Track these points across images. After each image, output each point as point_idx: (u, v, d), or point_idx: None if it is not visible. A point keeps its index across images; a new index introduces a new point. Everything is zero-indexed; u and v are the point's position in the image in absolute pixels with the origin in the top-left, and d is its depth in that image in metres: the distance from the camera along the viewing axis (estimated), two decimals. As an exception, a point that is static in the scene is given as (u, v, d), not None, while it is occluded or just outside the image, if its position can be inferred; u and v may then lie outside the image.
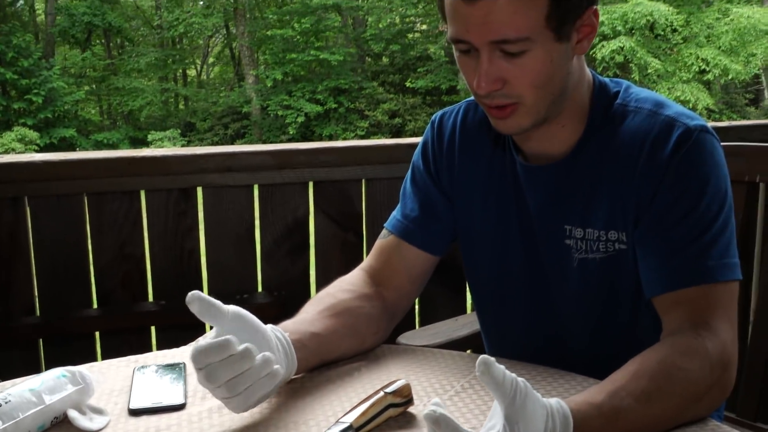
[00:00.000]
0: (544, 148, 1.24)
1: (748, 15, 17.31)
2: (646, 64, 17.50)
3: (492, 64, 1.09)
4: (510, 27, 1.06)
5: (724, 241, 1.12)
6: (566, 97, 1.18)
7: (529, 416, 0.84)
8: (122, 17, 24.64)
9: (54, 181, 2.10)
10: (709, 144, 1.15)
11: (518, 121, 1.15)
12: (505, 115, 1.15)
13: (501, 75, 1.10)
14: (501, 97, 1.13)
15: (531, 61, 1.09)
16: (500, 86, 1.11)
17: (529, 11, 1.06)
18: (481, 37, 1.08)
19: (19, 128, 19.40)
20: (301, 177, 2.25)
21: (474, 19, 1.07)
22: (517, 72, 1.10)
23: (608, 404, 0.97)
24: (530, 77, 1.10)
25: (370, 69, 22.54)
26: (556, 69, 1.12)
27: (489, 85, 1.10)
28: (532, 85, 1.11)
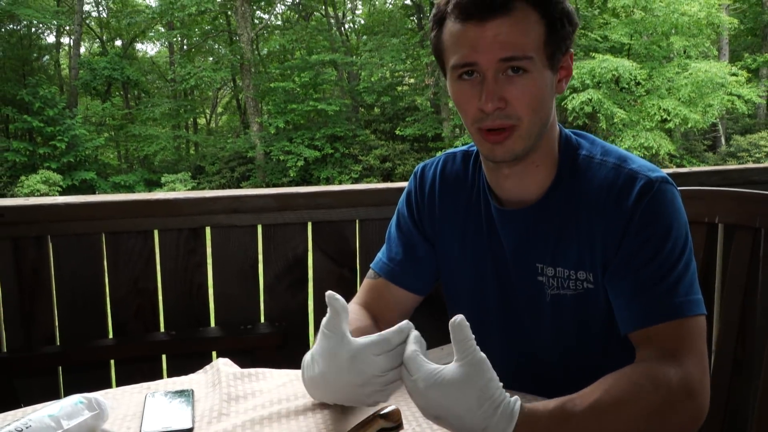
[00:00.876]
0: (518, 191, 1.24)
1: (706, 69, 17.54)
2: (613, 114, 17.66)
3: (497, 83, 1.12)
4: (517, 46, 1.10)
5: (688, 279, 1.13)
6: (545, 133, 1.19)
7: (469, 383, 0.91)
8: (139, 71, 24.85)
9: (75, 221, 2.10)
10: (669, 193, 1.16)
11: (512, 144, 1.16)
12: (502, 139, 1.15)
13: (504, 95, 1.12)
14: (502, 118, 1.13)
15: (530, 82, 1.12)
16: (503, 106, 1.12)
17: (531, 33, 1.11)
18: (491, 55, 1.11)
19: (44, 171, 19.43)
20: (300, 218, 2.25)
21: (484, 40, 1.10)
22: (518, 93, 1.12)
23: (560, 409, 0.98)
24: (528, 98, 1.13)
25: (363, 118, 22.70)
26: (546, 96, 1.15)
27: (494, 104, 1.12)
28: (529, 107, 1.13)
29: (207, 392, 1.21)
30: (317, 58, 21.78)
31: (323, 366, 1.02)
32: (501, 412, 0.92)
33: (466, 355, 0.92)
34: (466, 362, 0.92)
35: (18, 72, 23.13)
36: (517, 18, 1.10)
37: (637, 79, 17.87)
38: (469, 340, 0.92)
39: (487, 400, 0.91)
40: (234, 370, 1.28)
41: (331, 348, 1.01)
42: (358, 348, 0.98)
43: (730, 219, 1.49)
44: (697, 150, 20.97)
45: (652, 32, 18.79)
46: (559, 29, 1.13)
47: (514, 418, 0.92)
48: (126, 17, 24.22)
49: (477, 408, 0.91)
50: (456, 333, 0.93)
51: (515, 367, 1.33)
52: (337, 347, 1.00)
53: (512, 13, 1.10)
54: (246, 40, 22.20)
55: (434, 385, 0.92)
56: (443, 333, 2.52)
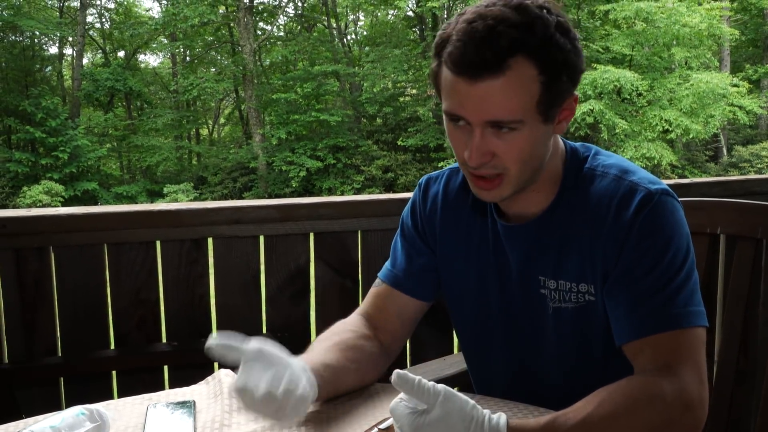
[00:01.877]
0: (521, 209, 1.25)
1: (707, 80, 17.56)
2: (614, 125, 17.67)
3: (483, 139, 1.10)
4: (505, 110, 1.07)
5: (688, 290, 1.12)
6: (543, 168, 1.19)
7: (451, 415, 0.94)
8: (142, 82, 24.89)
9: (77, 232, 2.10)
10: (670, 205, 1.16)
11: (500, 192, 1.16)
12: (491, 186, 1.15)
13: (490, 149, 1.10)
14: (489, 168, 1.13)
15: (519, 139, 1.10)
16: (489, 159, 1.11)
17: (523, 96, 1.06)
18: (477, 116, 1.08)
19: (46, 182, 19.44)
20: (302, 228, 2.26)
21: (472, 99, 1.07)
22: (506, 148, 1.10)
23: (551, 424, 0.99)
24: (516, 153, 1.11)
25: (365, 129, 22.72)
26: (539, 146, 1.14)
27: (479, 158, 1.11)
28: (518, 159, 1.12)
29: (209, 403, 1.21)
30: (319, 69, 21.82)
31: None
32: (487, 427, 0.94)
33: (432, 394, 0.95)
34: (439, 400, 0.95)
35: (20, 83, 23.19)
36: (509, 79, 1.05)
37: (638, 89, 17.88)
38: (421, 382, 0.95)
39: (473, 421, 0.94)
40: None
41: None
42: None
43: (732, 230, 1.50)
44: (699, 160, 20.97)
45: (653, 43, 18.82)
46: (557, 85, 1.08)
47: (501, 431, 0.95)
48: (129, 28, 24.29)
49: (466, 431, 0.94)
50: (403, 385, 0.96)
51: (516, 378, 1.34)
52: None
53: (506, 73, 1.04)
54: (248, 51, 22.27)
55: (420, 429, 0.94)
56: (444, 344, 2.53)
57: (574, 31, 1.10)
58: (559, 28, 1.07)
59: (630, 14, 17.93)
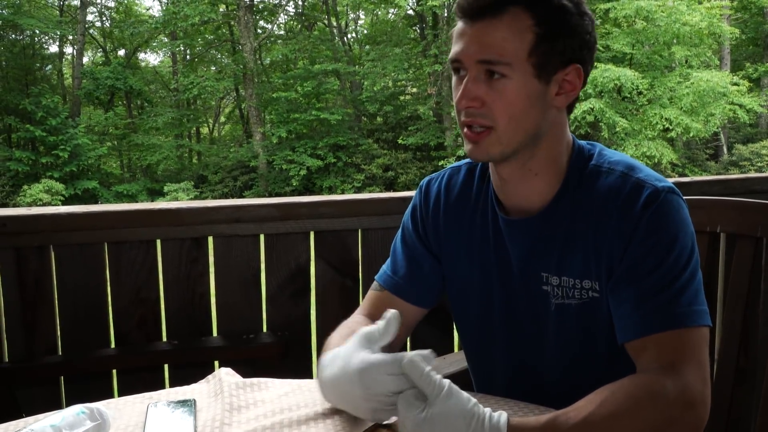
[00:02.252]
0: (521, 198, 1.25)
1: (707, 79, 17.56)
2: (615, 124, 17.67)
3: (475, 83, 1.13)
4: (496, 50, 1.11)
5: (692, 290, 1.12)
6: (539, 142, 1.19)
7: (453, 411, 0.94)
8: (142, 81, 24.90)
9: (77, 231, 2.10)
10: (675, 203, 1.15)
11: (488, 148, 1.17)
12: (479, 138, 1.16)
13: (480, 95, 1.13)
14: (478, 116, 1.15)
15: (509, 88, 1.13)
16: (478, 105, 1.14)
17: (516, 41, 1.11)
18: (471, 56, 1.13)
19: (47, 180, 19.45)
20: (303, 227, 2.25)
21: (470, 39, 1.13)
22: (495, 96, 1.13)
23: (552, 423, 0.99)
24: (505, 104, 1.13)
25: (365, 127, 22.73)
26: (530, 106, 1.15)
27: (468, 101, 1.14)
28: (505, 112, 1.14)
29: (209, 402, 1.21)
30: (320, 68, 21.82)
31: (336, 370, 1.04)
32: (488, 425, 0.94)
33: (436, 387, 0.96)
34: (442, 395, 0.95)
35: (21, 82, 23.19)
36: (505, 22, 1.11)
37: (639, 88, 17.87)
38: (429, 373, 0.96)
39: (473, 419, 0.94)
40: (236, 379, 1.28)
41: (348, 355, 1.03)
42: (370, 363, 1.00)
43: (732, 228, 1.50)
44: (699, 159, 20.97)
45: (653, 42, 18.81)
46: (553, 40, 1.13)
47: (501, 429, 0.94)
48: (129, 27, 24.28)
49: (466, 429, 0.93)
50: (413, 371, 0.96)
51: (517, 375, 1.33)
52: (353, 356, 1.02)
53: (502, 16, 1.11)
54: (249, 49, 22.26)
55: (421, 424, 0.94)
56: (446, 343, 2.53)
57: (588, 11, 1.17)
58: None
59: (630, 13, 17.92)
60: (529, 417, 0.98)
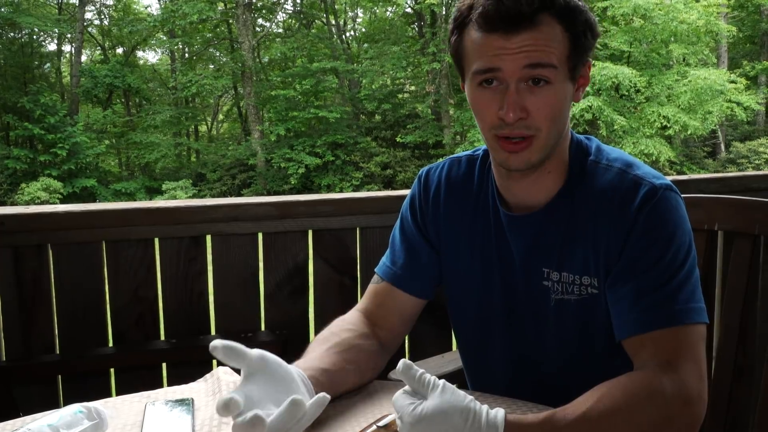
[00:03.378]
0: (527, 195, 1.24)
1: (705, 77, 17.57)
2: (613, 121, 17.68)
3: (520, 94, 1.11)
4: (544, 54, 1.10)
5: (690, 287, 1.12)
6: (561, 140, 1.20)
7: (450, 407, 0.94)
8: (140, 79, 24.87)
9: (75, 229, 2.09)
10: (673, 200, 1.16)
11: (529, 155, 1.15)
12: (519, 149, 1.15)
13: (525, 105, 1.11)
14: (521, 128, 1.13)
15: (551, 93, 1.12)
16: (525, 116, 1.12)
17: (557, 45, 1.11)
18: (516, 63, 1.10)
19: (45, 179, 19.44)
20: (301, 226, 2.25)
21: (509, 51, 1.10)
22: (539, 104, 1.12)
23: (549, 419, 0.99)
24: (548, 109, 1.12)
25: (364, 125, 22.71)
26: (565, 108, 1.16)
27: (516, 113, 1.11)
28: (549, 118, 1.13)
29: (207, 401, 1.21)
30: (318, 66, 21.81)
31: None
32: (486, 421, 0.94)
33: (431, 386, 0.96)
34: (438, 391, 0.95)
35: (19, 80, 23.16)
36: (542, 31, 1.10)
37: (636, 86, 17.89)
38: (423, 374, 0.97)
39: (471, 414, 0.94)
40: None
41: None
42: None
43: (730, 226, 1.50)
44: (697, 157, 20.99)
45: (651, 40, 18.82)
46: (582, 42, 1.14)
47: (499, 426, 0.94)
48: (127, 25, 24.24)
49: (464, 424, 0.94)
50: (406, 373, 0.97)
51: (516, 371, 1.33)
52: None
53: (538, 27, 1.09)
54: (247, 47, 22.24)
55: (419, 420, 0.94)
56: (443, 340, 2.53)
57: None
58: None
59: (628, 11, 17.93)
60: (526, 414, 0.98)
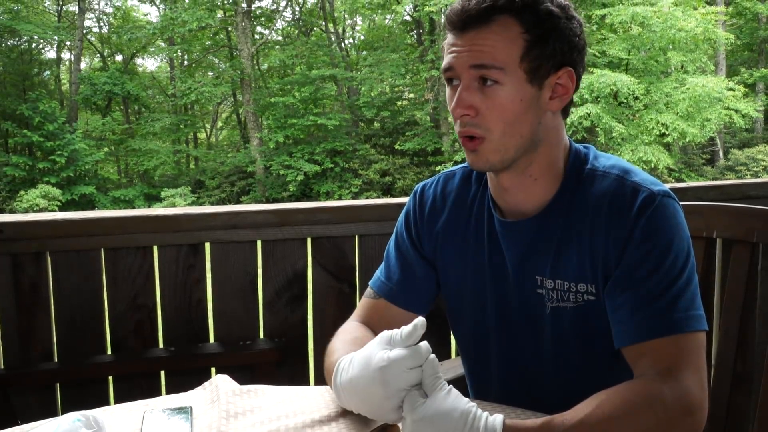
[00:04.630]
0: (519, 202, 1.25)
1: (703, 84, 17.58)
2: (611, 128, 17.68)
3: (468, 91, 1.14)
4: (488, 55, 1.12)
5: (689, 294, 1.12)
6: (537, 147, 1.20)
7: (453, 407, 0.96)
8: (140, 86, 24.88)
9: (74, 237, 2.10)
10: (671, 207, 1.16)
11: (486, 156, 1.18)
12: (474, 146, 1.17)
13: (474, 103, 1.14)
14: (472, 126, 1.16)
15: (502, 95, 1.14)
16: (473, 114, 1.15)
17: (507, 47, 1.12)
18: (464, 62, 1.14)
19: (43, 186, 19.42)
20: (300, 233, 2.25)
21: (460, 48, 1.14)
22: (489, 103, 1.14)
23: (547, 425, 0.99)
24: (499, 111, 1.14)
25: (363, 133, 22.73)
26: (525, 111, 1.15)
27: (463, 109, 1.15)
28: (500, 119, 1.15)
29: (206, 409, 1.21)
30: (317, 74, 21.84)
31: (356, 372, 1.04)
32: (484, 424, 0.95)
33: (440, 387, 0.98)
34: (442, 393, 0.97)
35: (18, 87, 23.18)
36: (494, 30, 1.12)
37: (635, 93, 17.89)
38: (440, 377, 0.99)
39: (471, 416, 0.95)
40: (233, 386, 1.28)
41: (367, 356, 1.03)
42: (391, 360, 1.00)
43: (728, 234, 1.50)
44: (696, 164, 21.00)
45: (649, 47, 18.85)
46: (543, 45, 1.14)
47: (497, 429, 0.95)
48: (127, 33, 24.26)
49: (463, 426, 0.94)
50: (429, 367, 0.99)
51: (513, 379, 1.33)
52: (373, 356, 1.02)
53: (491, 25, 1.12)
54: (246, 55, 22.27)
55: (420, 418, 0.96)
56: (443, 348, 2.52)
57: (576, 14, 1.17)
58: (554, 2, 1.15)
59: (626, 19, 17.96)
60: (525, 420, 0.98)
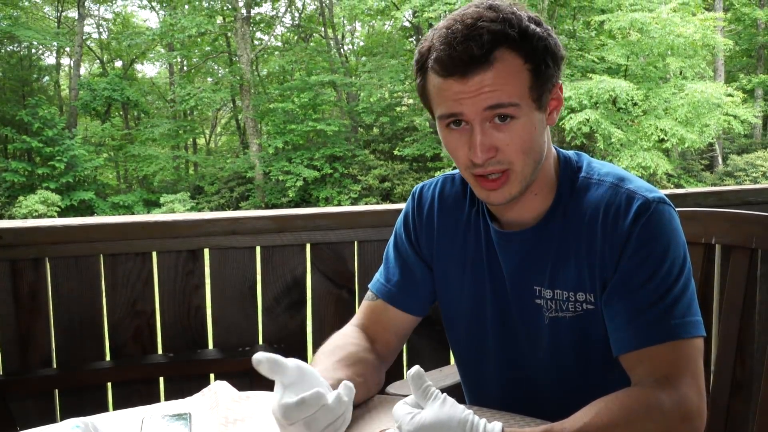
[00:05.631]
0: (517, 215, 1.25)
1: (701, 90, 17.61)
2: (610, 134, 17.71)
3: (485, 133, 1.11)
4: (502, 94, 1.10)
5: (686, 301, 1.12)
6: (542, 164, 1.20)
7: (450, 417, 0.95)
8: (139, 92, 24.91)
9: (73, 243, 2.10)
10: (667, 213, 1.16)
11: (509, 189, 1.16)
12: (497, 185, 1.15)
13: (493, 143, 1.12)
14: (494, 165, 1.14)
15: (519, 127, 1.12)
16: (494, 154, 1.13)
17: (516, 81, 1.10)
18: (476, 107, 1.10)
19: (42, 191, 19.40)
20: (299, 239, 2.25)
21: (467, 94, 1.10)
22: (508, 139, 1.12)
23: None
24: (519, 143, 1.12)
25: (362, 138, 22.75)
26: (538, 136, 1.15)
27: (484, 154, 1.12)
28: (521, 150, 1.13)
29: (205, 415, 1.21)
30: (316, 79, 21.85)
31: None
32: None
33: (433, 397, 0.97)
34: (438, 402, 0.96)
35: (18, 93, 23.19)
36: (498, 69, 1.09)
37: (634, 99, 17.93)
38: (429, 385, 0.98)
39: (469, 424, 0.94)
40: (232, 393, 1.28)
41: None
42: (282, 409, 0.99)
43: (727, 240, 1.50)
44: (695, 169, 21.03)
45: (648, 53, 18.89)
46: (544, 71, 1.12)
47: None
48: (126, 39, 24.29)
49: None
50: (416, 382, 0.97)
51: (512, 387, 1.33)
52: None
53: (494, 65, 1.09)
54: (245, 61, 22.30)
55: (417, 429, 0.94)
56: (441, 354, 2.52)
57: (545, 24, 1.16)
58: (532, 20, 1.13)
59: (625, 25, 18.00)
60: (524, 428, 0.98)
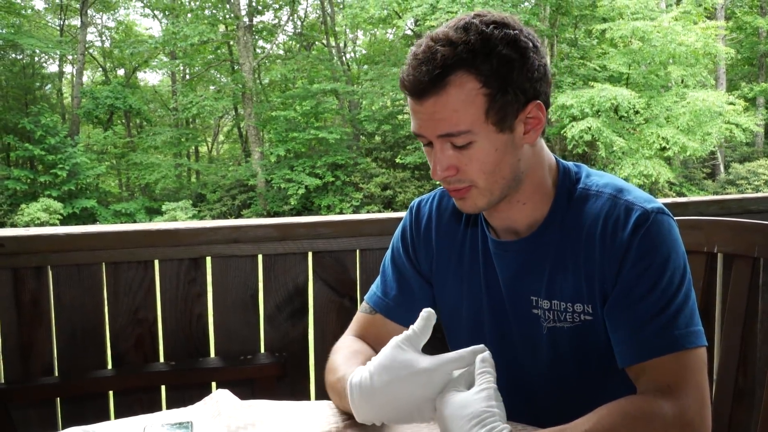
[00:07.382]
0: (510, 223, 1.25)
1: (703, 98, 17.62)
2: (612, 142, 17.72)
3: (444, 154, 1.14)
4: (451, 123, 1.11)
5: (688, 311, 1.12)
6: (521, 179, 1.20)
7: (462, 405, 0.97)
8: (141, 100, 24.96)
9: (75, 251, 2.10)
10: (666, 224, 1.16)
11: (474, 201, 1.19)
12: (462, 195, 1.19)
13: (452, 163, 1.15)
14: (456, 182, 1.17)
15: (477, 151, 1.13)
16: (454, 173, 1.15)
17: (468, 109, 1.10)
18: (431, 132, 1.13)
19: (45, 199, 19.44)
20: (301, 248, 2.25)
21: (424, 116, 1.13)
22: (466, 161, 1.14)
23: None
24: (478, 165, 1.14)
25: (364, 146, 22.78)
26: (502, 156, 1.15)
27: (443, 173, 1.16)
28: (481, 171, 1.15)
29: (206, 424, 1.20)
30: (318, 87, 21.90)
31: (390, 377, 1.03)
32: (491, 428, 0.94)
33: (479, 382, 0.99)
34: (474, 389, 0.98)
35: (20, 100, 23.26)
36: (450, 94, 1.09)
37: (635, 107, 17.94)
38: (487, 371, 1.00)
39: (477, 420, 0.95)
40: (233, 401, 1.28)
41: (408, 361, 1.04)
42: (437, 364, 1.03)
43: (729, 248, 1.50)
44: (697, 178, 21.03)
45: (650, 62, 18.91)
46: (504, 94, 1.11)
47: None
48: (129, 47, 24.38)
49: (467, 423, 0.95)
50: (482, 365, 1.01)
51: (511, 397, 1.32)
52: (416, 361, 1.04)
53: (446, 90, 1.09)
54: (248, 69, 22.36)
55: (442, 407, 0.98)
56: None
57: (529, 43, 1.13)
58: (505, 40, 1.10)
59: (626, 33, 18.03)
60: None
